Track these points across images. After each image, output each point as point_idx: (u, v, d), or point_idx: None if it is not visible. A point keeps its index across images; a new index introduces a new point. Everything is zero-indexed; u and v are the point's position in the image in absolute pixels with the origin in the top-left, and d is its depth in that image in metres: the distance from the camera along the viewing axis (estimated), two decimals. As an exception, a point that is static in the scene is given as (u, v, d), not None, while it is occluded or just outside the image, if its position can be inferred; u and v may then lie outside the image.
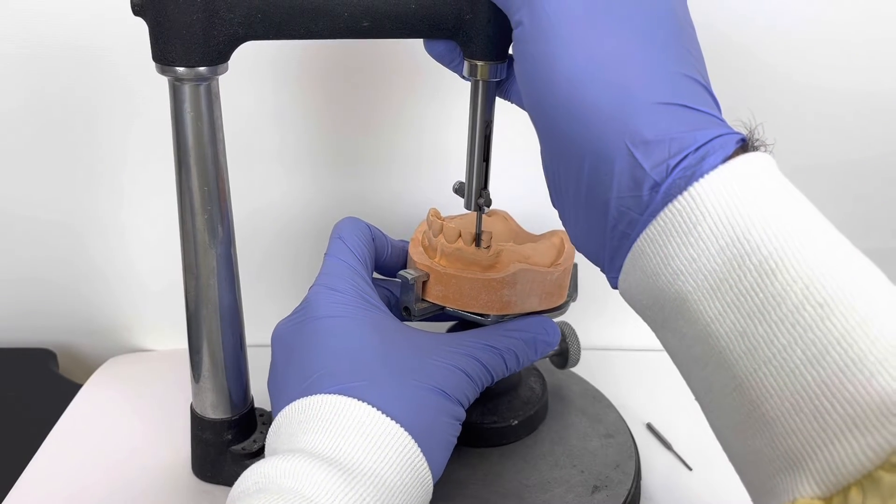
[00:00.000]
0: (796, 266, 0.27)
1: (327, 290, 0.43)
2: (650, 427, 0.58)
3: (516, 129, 0.44)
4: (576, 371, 0.57)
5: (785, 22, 0.57)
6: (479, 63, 0.40)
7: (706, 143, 0.29)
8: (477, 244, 0.46)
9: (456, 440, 0.40)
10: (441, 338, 0.43)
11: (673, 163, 0.29)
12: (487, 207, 0.45)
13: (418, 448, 0.37)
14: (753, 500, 0.30)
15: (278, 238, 0.64)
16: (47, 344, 0.68)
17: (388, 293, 0.48)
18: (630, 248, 0.31)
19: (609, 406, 0.55)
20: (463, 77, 0.41)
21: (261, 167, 0.61)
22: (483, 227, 0.47)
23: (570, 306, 0.49)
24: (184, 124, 0.41)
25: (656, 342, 0.33)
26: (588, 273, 0.47)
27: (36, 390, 0.63)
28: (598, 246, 0.33)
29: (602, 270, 0.34)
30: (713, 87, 0.32)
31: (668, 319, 0.31)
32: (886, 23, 0.57)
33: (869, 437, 0.25)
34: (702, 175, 0.28)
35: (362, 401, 0.37)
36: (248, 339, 0.49)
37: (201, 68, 0.38)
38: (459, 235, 0.45)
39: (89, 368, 0.64)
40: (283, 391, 0.40)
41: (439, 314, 0.47)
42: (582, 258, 0.36)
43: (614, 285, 0.33)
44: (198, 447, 0.51)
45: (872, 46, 0.58)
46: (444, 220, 0.47)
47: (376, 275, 0.49)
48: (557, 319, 0.49)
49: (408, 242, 0.49)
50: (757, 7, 0.57)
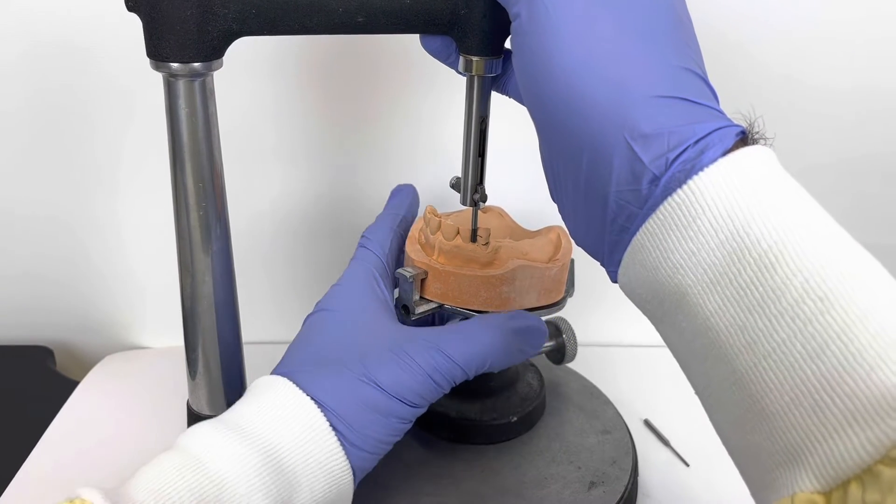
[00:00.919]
0: (796, 260, 0.26)
1: (339, 284, 0.45)
2: (647, 423, 0.58)
3: (515, 124, 0.44)
4: (573, 367, 0.57)
5: (783, 20, 0.57)
6: (475, 58, 0.40)
7: (705, 136, 0.29)
8: (472, 240, 0.46)
9: (394, 438, 0.40)
10: (416, 332, 0.42)
11: (672, 156, 0.29)
12: (483, 202, 0.45)
13: (327, 422, 0.38)
14: (753, 494, 0.30)
15: (275, 234, 0.64)
16: (44, 341, 0.68)
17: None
18: (629, 241, 0.31)
19: (606, 402, 0.55)
20: (459, 72, 0.41)
21: (257, 163, 0.61)
22: (479, 224, 0.46)
23: (567, 302, 0.49)
24: (178, 120, 0.40)
25: (654, 338, 0.33)
26: (585, 269, 0.47)
27: (33, 387, 0.63)
28: (597, 240, 0.32)
29: (601, 264, 0.34)
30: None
31: (668, 313, 0.31)
32: (885, 22, 0.57)
33: (869, 431, 0.25)
34: (701, 168, 0.28)
35: (290, 380, 0.40)
36: (245, 335, 0.49)
37: (195, 64, 0.38)
38: (458, 232, 0.45)
39: (86, 365, 0.64)
40: None
41: (438, 312, 0.46)
42: (578, 254, 0.36)
43: (614, 279, 0.33)
44: (195, 445, 0.50)
45: (871, 45, 0.58)
46: (441, 218, 0.47)
47: None
48: (554, 315, 0.49)
49: None
50: (755, 6, 0.57)
